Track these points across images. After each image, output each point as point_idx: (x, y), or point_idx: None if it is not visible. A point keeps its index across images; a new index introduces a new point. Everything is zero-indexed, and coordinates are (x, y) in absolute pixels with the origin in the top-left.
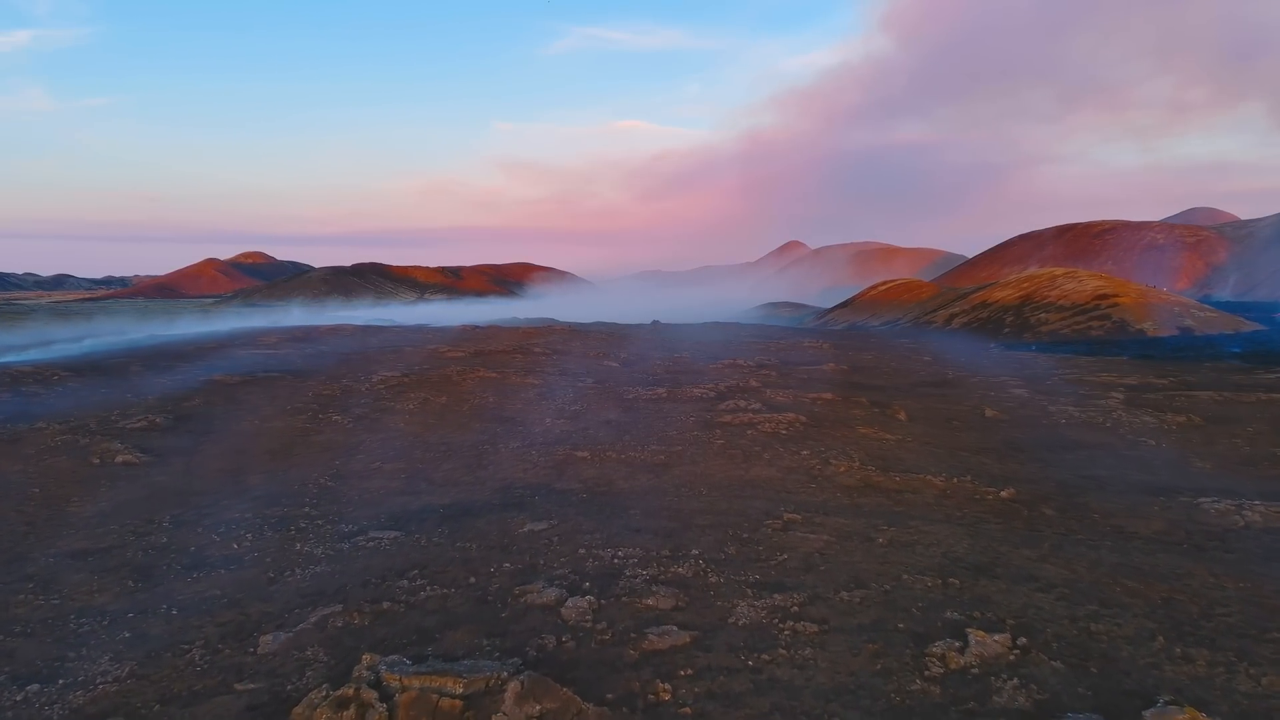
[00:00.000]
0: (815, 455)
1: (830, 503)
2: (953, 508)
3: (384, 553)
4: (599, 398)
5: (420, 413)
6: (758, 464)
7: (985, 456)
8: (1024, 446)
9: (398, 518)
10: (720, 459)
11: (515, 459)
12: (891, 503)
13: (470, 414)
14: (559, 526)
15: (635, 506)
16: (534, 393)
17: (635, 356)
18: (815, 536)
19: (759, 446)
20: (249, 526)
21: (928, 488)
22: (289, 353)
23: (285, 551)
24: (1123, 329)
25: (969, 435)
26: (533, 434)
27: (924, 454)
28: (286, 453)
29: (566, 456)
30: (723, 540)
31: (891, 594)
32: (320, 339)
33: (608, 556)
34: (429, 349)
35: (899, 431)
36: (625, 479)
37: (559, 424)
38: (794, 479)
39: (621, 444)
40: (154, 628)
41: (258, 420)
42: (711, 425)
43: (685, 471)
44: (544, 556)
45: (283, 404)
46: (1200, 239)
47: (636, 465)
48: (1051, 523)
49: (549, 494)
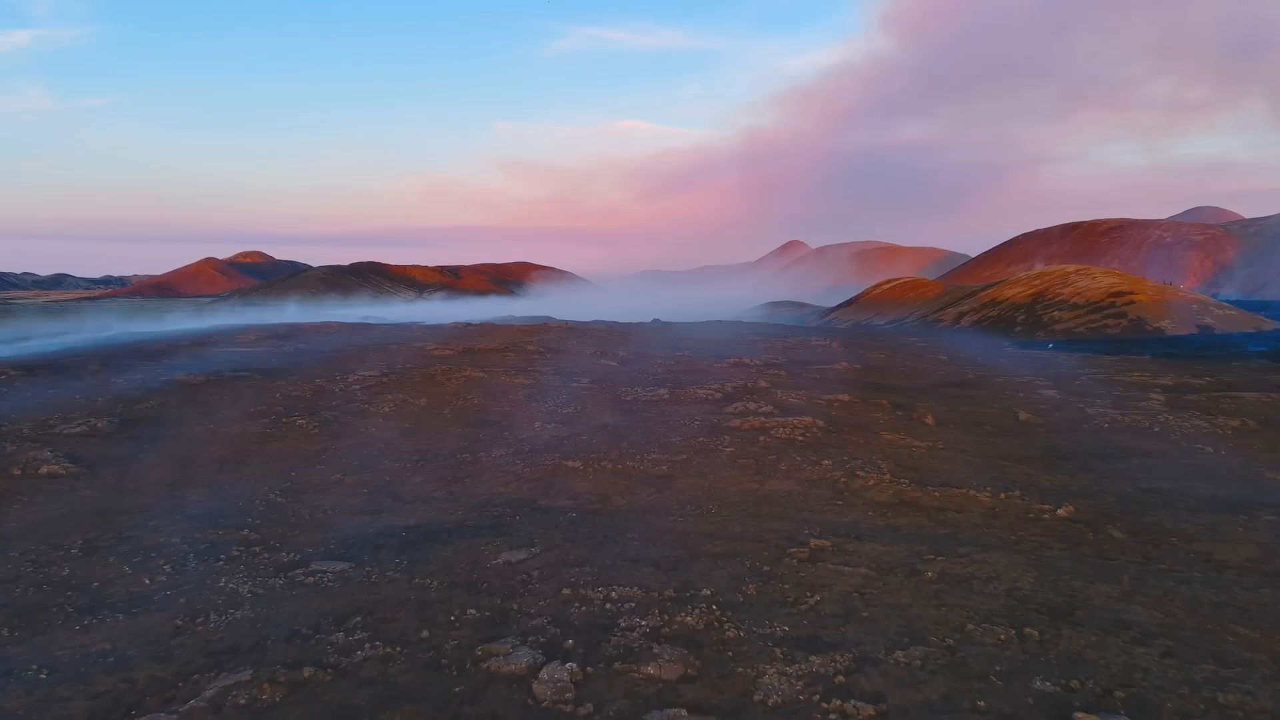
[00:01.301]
0: (838, 465)
1: (862, 524)
2: (1005, 529)
3: (324, 592)
4: (595, 399)
5: (396, 416)
6: (773, 476)
7: (1029, 466)
8: (1069, 454)
9: (350, 544)
10: (730, 470)
11: (497, 470)
12: (934, 524)
13: (451, 417)
14: (541, 556)
15: (633, 529)
16: (524, 394)
17: (635, 355)
18: (851, 570)
19: (773, 455)
20: (171, 555)
21: (973, 505)
22: (266, 351)
23: (205, 589)
24: (1140, 327)
25: (1006, 441)
26: (519, 440)
27: (960, 464)
28: (238, 462)
29: (556, 467)
30: (739, 575)
31: (959, 653)
32: (303, 336)
33: (598, 599)
34: (415, 347)
35: (928, 437)
36: (622, 494)
37: (549, 429)
38: (817, 494)
39: (618, 452)
40: (7, 700)
41: (213, 425)
42: (719, 430)
43: (691, 485)
44: (519, 598)
45: (245, 406)
46: (1208, 237)
47: (635, 477)
48: (1124, 548)
49: (533, 513)
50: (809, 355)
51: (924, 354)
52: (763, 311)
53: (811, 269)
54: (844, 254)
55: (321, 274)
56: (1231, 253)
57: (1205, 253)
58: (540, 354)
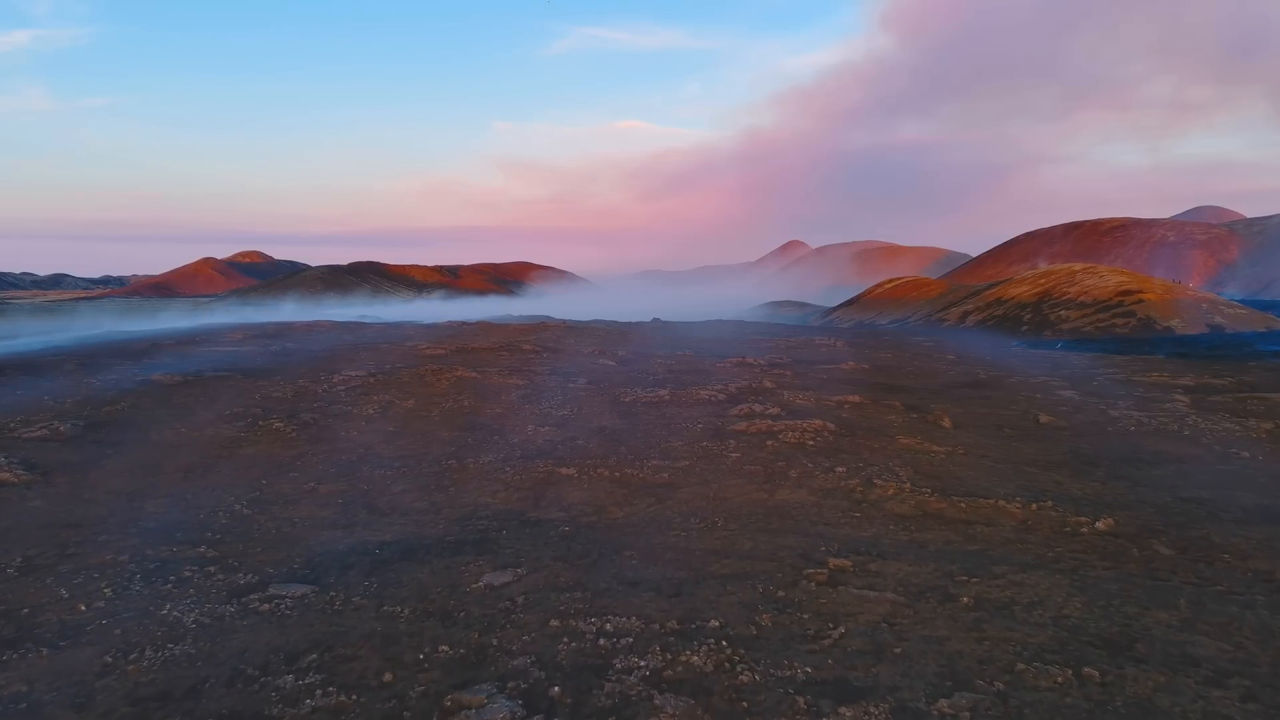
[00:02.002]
0: (853, 473)
1: (884, 540)
2: (1041, 545)
3: (279, 622)
4: (592, 401)
5: (379, 419)
6: (784, 485)
7: (1057, 473)
8: (1097, 460)
9: (316, 564)
10: (737, 478)
11: (485, 478)
12: (962, 539)
13: (439, 420)
14: (528, 578)
15: (631, 545)
16: (517, 395)
17: (634, 354)
18: (877, 595)
19: (783, 461)
20: (116, 575)
21: (1003, 517)
22: (252, 350)
23: (146, 618)
24: (1149, 326)
25: (1029, 446)
26: (510, 445)
27: (984, 470)
28: (206, 469)
29: (548, 474)
30: (751, 602)
31: (1011, 700)
32: (292, 336)
33: (591, 633)
34: (407, 346)
35: (946, 442)
36: (619, 505)
37: (543, 432)
38: (832, 505)
39: (616, 458)
40: None
41: (185, 428)
42: (723, 434)
43: (694, 494)
44: (500, 631)
45: (221, 408)
46: (1212, 236)
47: (634, 486)
48: (1174, 567)
49: (521, 527)
50: (814, 355)
51: (932, 353)
52: (764, 311)
53: (812, 269)
54: (845, 254)
55: (320, 274)
56: (1235, 252)
57: (1209, 252)
58: (536, 353)
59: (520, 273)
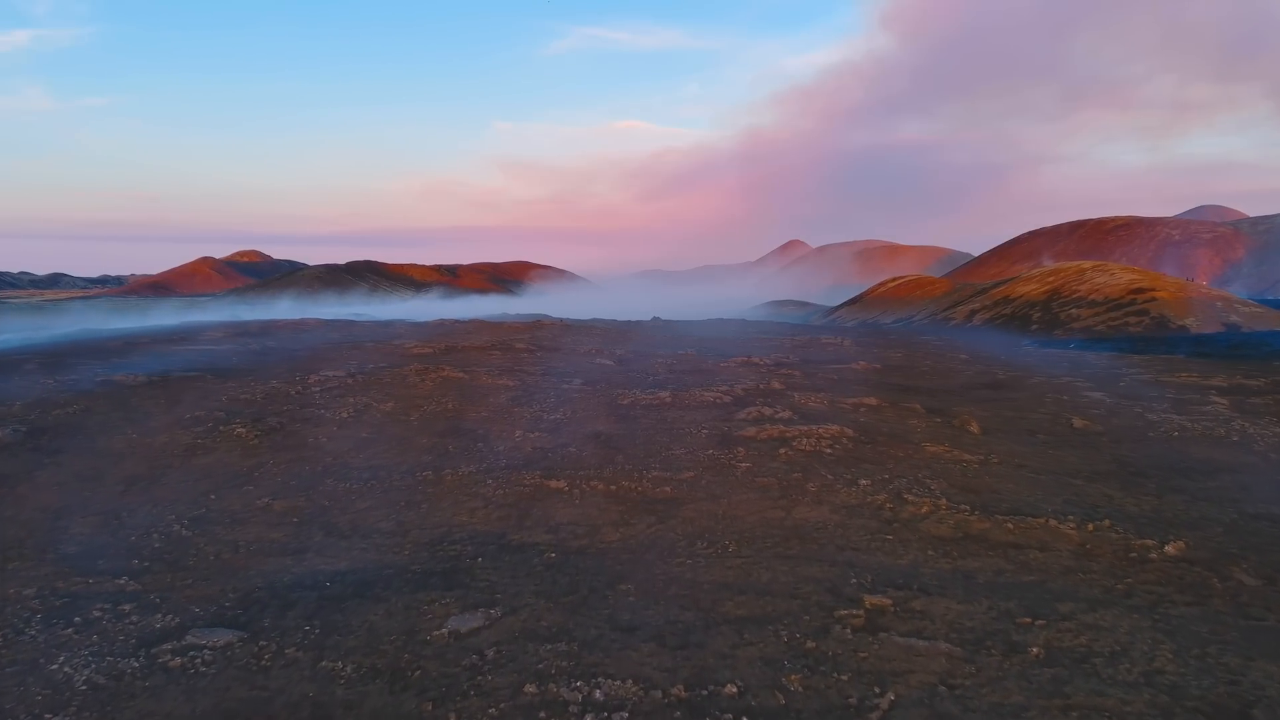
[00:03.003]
0: (880, 486)
1: (924, 569)
2: (1107, 574)
3: (189, 683)
4: (587, 403)
5: (353, 424)
6: (802, 500)
7: (1106, 485)
8: (1146, 470)
9: (252, 601)
10: (748, 491)
11: (463, 492)
12: (1014, 567)
13: (418, 425)
14: (502, 623)
15: (628, 577)
16: (506, 397)
17: (633, 353)
18: (927, 645)
19: (799, 472)
20: (13, 616)
21: (1057, 539)
22: (230, 349)
23: (30, 675)
24: (1163, 325)
25: (1068, 454)
26: (495, 454)
27: (1024, 483)
28: (151, 481)
29: (535, 488)
30: (775, 657)
31: None
32: (275, 334)
33: (576, 703)
34: (394, 344)
35: (977, 449)
36: (615, 525)
37: (532, 439)
38: (859, 525)
39: (612, 468)
40: None
41: (137, 434)
42: (731, 441)
43: (701, 512)
44: (461, 700)
45: (182, 412)
46: (1218, 235)
47: (632, 501)
48: (1267, 601)
49: (500, 553)
50: (821, 354)
51: (943, 352)
52: (765, 310)
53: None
54: (845, 253)
55: (317, 273)
56: (1241, 251)
57: (1215, 250)
58: (530, 352)
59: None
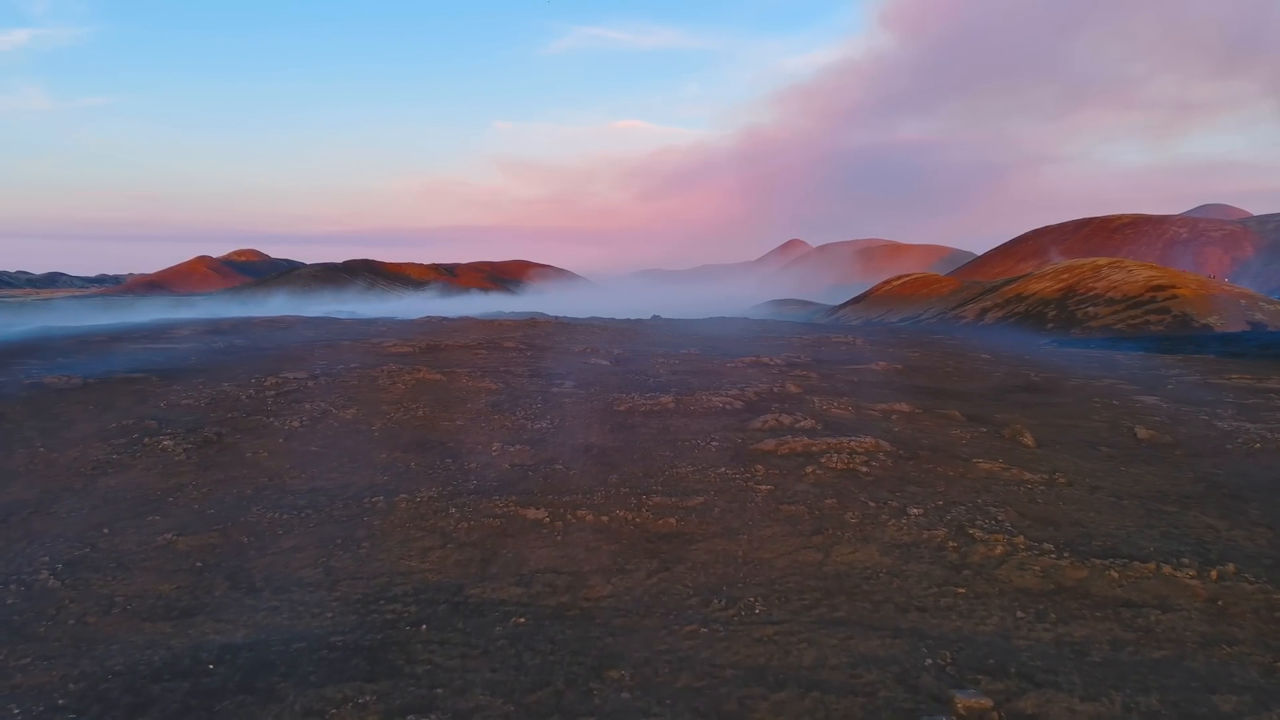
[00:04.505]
0: (934, 516)
1: (1019, 642)
2: (1260, 647)
3: None
4: (578, 410)
5: (303, 434)
6: (842, 536)
7: (1202, 512)
8: (1241, 491)
9: (93, 698)
10: (773, 524)
11: (418, 525)
12: (1136, 636)
13: (379, 437)
14: None
15: (622, 659)
16: (486, 402)
17: (631, 353)
18: None
19: (832, 497)
20: None
21: (1178, 594)
22: (191, 348)
23: None
24: (1186, 323)
25: (1143, 471)
26: (465, 473)
27: (1107, 510)
28: (38, 508)
29: (508, 519)
30: None
31: None
32: (247, 331)
33: None
34: (371, 343)
35: (1037, 466)
36: (605, 573)
37: (511, 454)
38: (919, 573)
39: (604, 492)
40: None
41: (44, 447)
42: (746, 456)
43: (715, 553)
44: None
45: (108, 420)
46: (1226, 233)
47: (627, 538)
48: None
49: (452, 617)
50: (835, 353)
51: (963, 352)
52: (767, 309)
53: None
54: (846, 252)
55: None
56: (1250, 249)
57: (1225, 249)
58: (519, 351)
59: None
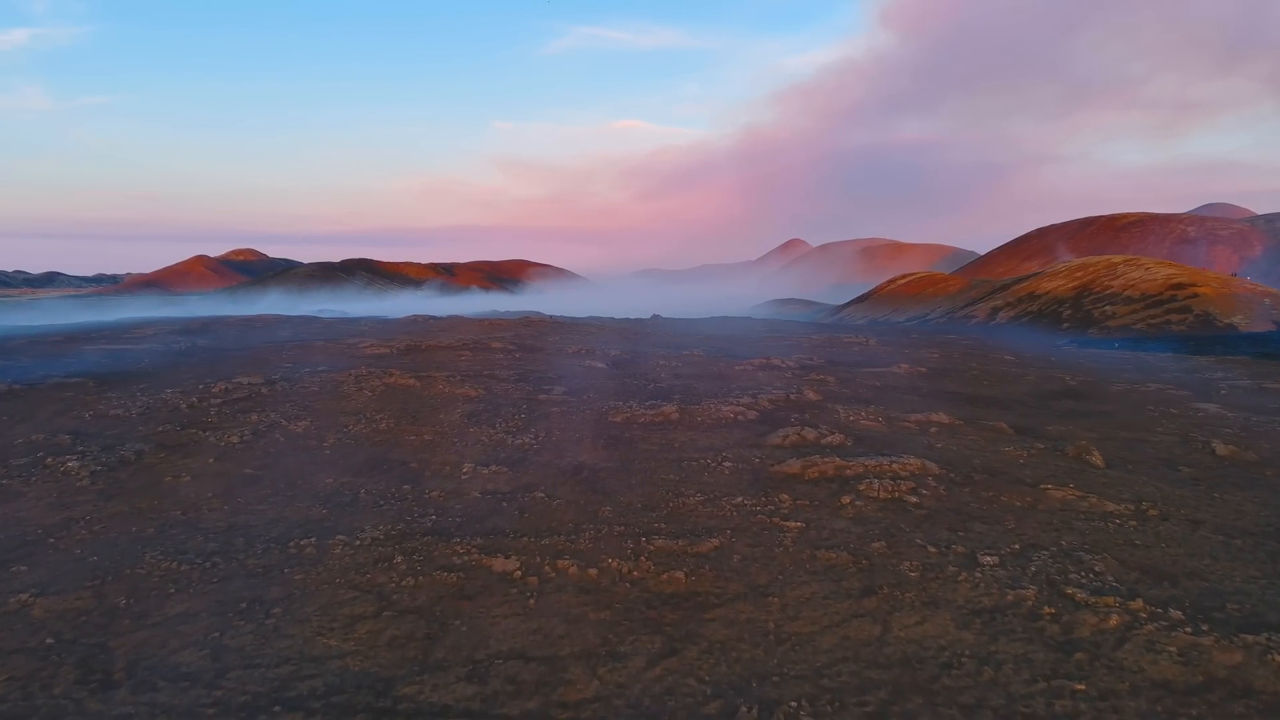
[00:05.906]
0: (1015, 568)
1: None
2: None
3: None
4: (567, 421)
5: (240, 453)
6: (902, 599)
7: None
8: None
9: None
10: (810, 578)
11: (349, 581)
12: None
13: (330, 456)
14: None
15: None
16: (462, 412)
17: (630, 354)
18: None
19: (880, 539)
20: None
21: None
22: (148, 348)
23: None
24: (1208, 323)
25: (1242, 499)
26: (423, 503)
27: (1225, 555)
28: None
29: (467, 573)
30: None
31: None
32: (216, 331)
33: None
34: (346, 344)
35: (1118, 494)
36: (590, 660)
37: (484, 476)
38: (1014, 656)
39: (593, 531)
40: None
41: None
42: (768, 481)
43: (738, 624)
44: None
45: (15, 435)
46: (1235, 231)
47: (623, 602)
48: None
49: None
50: (849, 355)
51: (984, 353)
52: (769, 309)
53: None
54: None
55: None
56: (1259, 247)
57: (1233, 247)
58: (507, 353)
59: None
